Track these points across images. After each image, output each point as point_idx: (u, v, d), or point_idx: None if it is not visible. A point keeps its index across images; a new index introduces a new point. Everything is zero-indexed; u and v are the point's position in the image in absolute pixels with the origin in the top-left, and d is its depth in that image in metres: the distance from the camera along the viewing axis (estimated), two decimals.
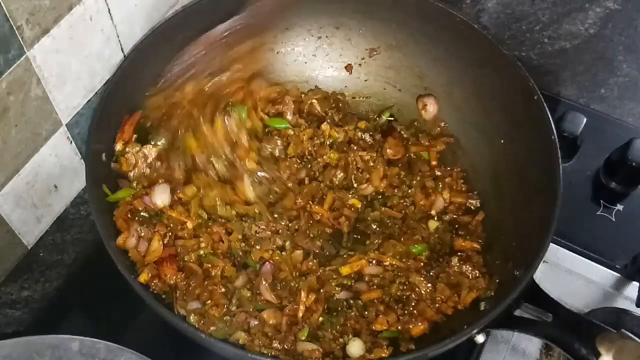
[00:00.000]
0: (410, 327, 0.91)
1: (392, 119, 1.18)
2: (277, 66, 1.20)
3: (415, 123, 1.16)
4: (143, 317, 0.99)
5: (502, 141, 1.05)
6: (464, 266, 0.95)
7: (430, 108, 1.14)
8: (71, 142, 1.02)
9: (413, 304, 0.94)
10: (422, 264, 0.99)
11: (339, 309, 0.95)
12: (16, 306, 1.00)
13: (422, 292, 0.94)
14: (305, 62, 1.22)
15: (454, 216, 1.05)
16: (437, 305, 0.93)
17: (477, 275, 0.94)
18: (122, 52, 1.04)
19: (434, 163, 1.11)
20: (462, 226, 1.04)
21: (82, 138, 1.03)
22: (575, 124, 1.19)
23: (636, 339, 0.75)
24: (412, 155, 1.12)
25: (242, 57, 1.03)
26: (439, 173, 1.10)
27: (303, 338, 0.89)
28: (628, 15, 1.19)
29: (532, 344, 1.00)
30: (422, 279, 0.95)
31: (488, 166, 1.07)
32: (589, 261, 1.09)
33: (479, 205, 1.06)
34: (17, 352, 0.86)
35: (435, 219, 1.05)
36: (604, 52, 1.26)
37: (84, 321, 1.01)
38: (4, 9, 0.77)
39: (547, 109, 0.96)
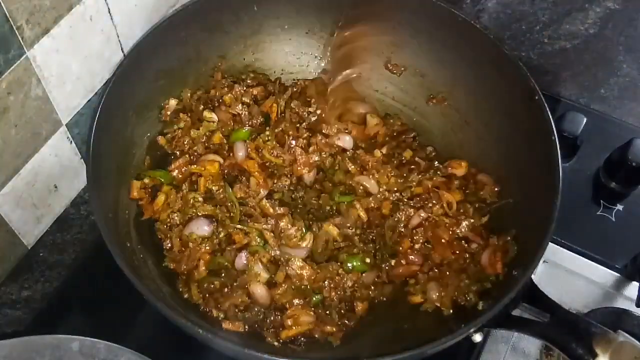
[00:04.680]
0: None
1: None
2: (279, 64, 1.21)
3: None
4: (143, 317, 1.00)
5: (502, 141, 1.05)
6: None
7: None
8: (71, 142, 1.02)
9: None
10: None
11: None
12: (16, 306, 1.00)
13: None
14: (309, 63, 1.22)
15: None
16: None
17: None
18: (122, 52, 1.04)
19: None
20: None
21: (82, 138, 1.03)
22: (575, 124, 1.19)
23: (634, 340, 0.75)
24: None
25: None
26: None
27: None
28: (628, 15, 1.19)
29: (532, 344, 1.00)
30: None
31: (488, 165, 1.07)
32: (589, 261, 1.09)
33: None
34: (17, 352, 0.86)
35: None
36: (604, 52, 1.26)
37: (84, 321, 1.01)
38: (4, 9, 0.78)
39: (547, 109, 0.96)
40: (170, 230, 1.00)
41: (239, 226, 1.00)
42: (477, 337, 0.82)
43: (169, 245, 0.99)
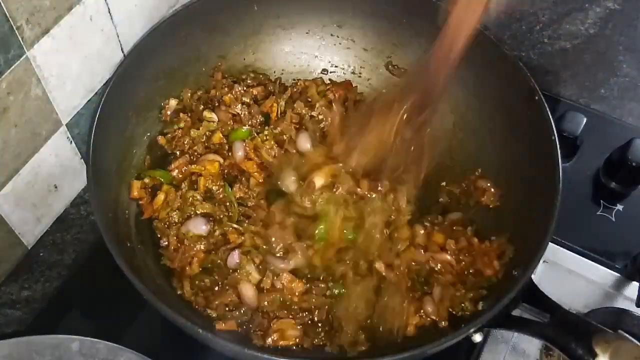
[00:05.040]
0: None
1: None
2: (279, 64, 1.21)
3: None
4: (143, 317, 1.00)
5: (502, 141, 1.05)
6: None
7: None
8: (71, 142, 1.02)
9: None
10: None
11: None
12: (16, 306, 1.00)
13: None
14: (309, 63, 1.22)
15: None
16: None
17: None
18: (122, 52, 1.04)
19: None
20: None
21: (82, 138, 1.03)
22: (575, 124, 1.19)
23: (633, 339, 0.75)
24: None
25: None
26: None
27: None
28: (628, 15, 1.19)
29: (532, 344, 1.00)
30: None
31: (488, 166, 1.07)
32: (589, 261, 1.09)
33: None
34: (17, 352, 0.86)
35: None
36: (604, 52, 1.26)
37: (84, 321, 1.01)
38: (4, 9, 0.78)
39: (547, 109, 0.96)
40: (168, 229, 1.00)
41: (234, 225, 1.00)
42: (477, 337, 0.82)
43: (166, 243, 0.99)
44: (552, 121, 0.95)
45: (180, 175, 1.05)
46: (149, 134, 1.08)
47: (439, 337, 0.79)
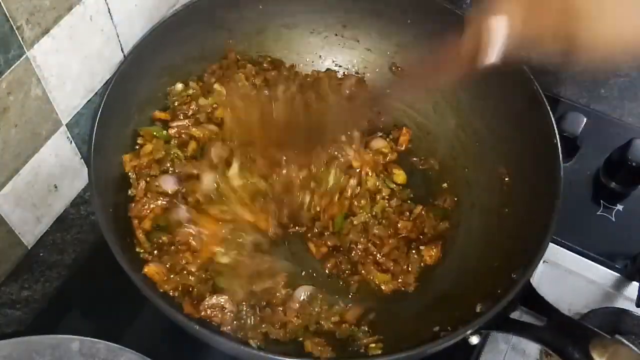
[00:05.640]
0: None
1: None
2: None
3: None
4: (143, 317, 1.00)
5: (503, 141, 1.05)
6: None
7: None
8: (71, 142, 1.02)
9: None
10: None
11: None
12: (16, 306, 1.00)
13: None
14: (313, 62, 1.22)
15: None
16: None
17: None
18: (122, 52, 1.04)
19: None
20: None
21: (82, 138, 1.03)
22: (575, 124, 1.19)
23: (630, 345, 0.75)
24: None
25: None
26: None
27: None
28: None
29: (532, 345, 1.00)
30: None
31: (489, 166, 1.07)
32: (589, 261, 1.09)
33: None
34: (17, 352, 0.86)
35: None
36: None
37: (84, 321, 1.01)
38: (4, 9, 0.78)
39: (550, 113, 0.96)
40: (141, 179, 1.00)
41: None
42: (474, 340, 0.82)
43: (134, 193, 0.99)
44: (554, 125, 0.95)
45: (177, 136, 1.05)
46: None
47: (437, 338, 0.80)
